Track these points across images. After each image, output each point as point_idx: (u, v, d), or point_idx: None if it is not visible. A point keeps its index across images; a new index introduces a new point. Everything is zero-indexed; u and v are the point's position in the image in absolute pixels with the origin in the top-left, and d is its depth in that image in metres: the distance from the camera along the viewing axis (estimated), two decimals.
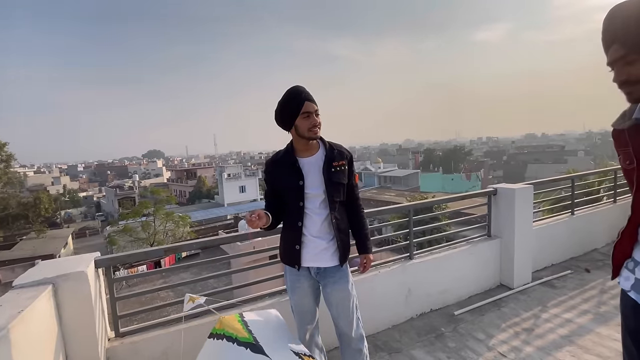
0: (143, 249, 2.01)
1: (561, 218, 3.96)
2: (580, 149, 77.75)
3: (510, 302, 3.03)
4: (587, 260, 3.87)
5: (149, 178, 73.12)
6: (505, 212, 3.26)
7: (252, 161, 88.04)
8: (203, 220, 33.22)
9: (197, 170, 56.81)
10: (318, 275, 1.67)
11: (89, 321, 1.66)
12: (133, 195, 45.65)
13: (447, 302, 3.04)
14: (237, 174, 43.39)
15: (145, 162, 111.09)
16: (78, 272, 1.62)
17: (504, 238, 3.30)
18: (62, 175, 72.18)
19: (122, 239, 24.34)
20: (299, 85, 1.57)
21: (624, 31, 0.82)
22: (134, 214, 26.03)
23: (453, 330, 2.65)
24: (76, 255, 1.89)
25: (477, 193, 3.48)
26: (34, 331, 1.36)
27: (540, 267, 3.66)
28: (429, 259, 2.97)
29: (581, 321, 2.66)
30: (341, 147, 1.70)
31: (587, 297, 3.05)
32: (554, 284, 3.34)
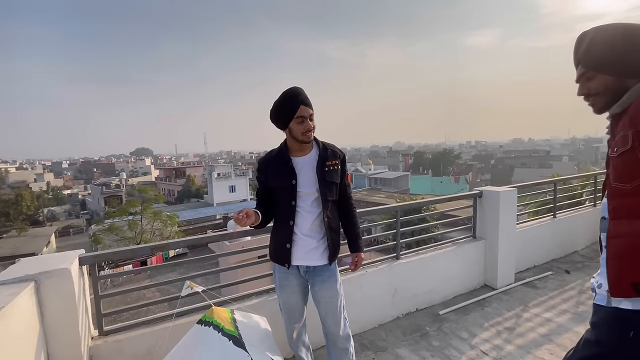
0: (129, 247, 1.99)
1: (544, 221, 4.07)
2: (565, 154, 79.90)
3: (494, 302, 3.10)
4: (567, 262, 3.99)
5: (136, 176, 71.86)
6: (490, 214, 3.34)
7: (243, 161, 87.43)
8: (192, 220, 32.78)
9: (187, 169, 56.05)
10: (307, 274, 1.68)
11: (72, 319, 1.64)
12: (120, 193, 44.77)
13: (433, 301, 3.10)
14: (227, 173, 43.00)
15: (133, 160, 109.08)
16: (61, 269, 1.60)
17: (489, 239, 3.38)
18: (45, 172, 70.26)
19: (108, 238, 23.83)
20: (296, 87, 1.57)
21: (585, 53, 1.01)
22: (120, 212, 25.55)
23: (438, 329, 2.70)
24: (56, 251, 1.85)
25: (463, 195, 3.56)
26: (14, 329, 1.33)
27: (523, 268, 3.76)
28: (416, 259, 3.02)
29: (560, 320, 2.75)
30: (334, 147, 1.72)
31: (566, 297, 3.15)
32: (535, 284, 3.44)
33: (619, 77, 0.96)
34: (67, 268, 1.62)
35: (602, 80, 0.98)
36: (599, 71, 0.98)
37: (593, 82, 1.00)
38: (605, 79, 0.98)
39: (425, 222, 5.34)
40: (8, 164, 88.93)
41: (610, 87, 0.98)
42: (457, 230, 3.70)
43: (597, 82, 0.99)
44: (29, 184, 51.01)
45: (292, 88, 1.56)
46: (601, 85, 0.99)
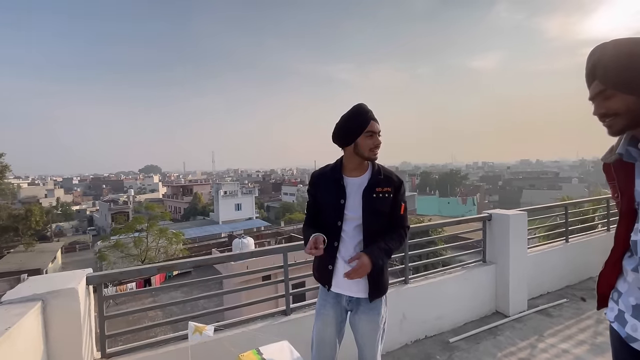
0: (135, 267, 1.98)
1: (555, 245, 3.97)
2: (574, 175, 78.80)
3: (506, 331, 2.99)
4: (582, 289, 3.85)
5: (144, 193, 72.68)
6: (500, 238, 3.27)
7: (250, 179, 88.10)
8: (197, 238, 32.75)
9: (194, 187, 56.60)
10: (350, 304, 1.60)
11: (76, 340, 1.62)
12: (127, 210, 45.17)
13: (442, 328, 2.99)
14: (234, 191, 43.24)
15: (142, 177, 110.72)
16: (69, 289, 1.60)
17: (499, 264, 3.29)
18: (56, 188, 71.55)
19: (113, 255, 23.82)
20: (364, 104, 1.53)
21: (603, 69, 0.91)
22: (126, 229, 25.63)
23: (448, 358, 2.59)
24: (64, 270, 1.86)
25: (472, 218, 3.51)
26: (19, 349, 1.32)
27: (536, 294, 3.64)
28: (424, 283, 2.95)
29: (578, 352, 2.62)
30: (391, 173, 1.58)
31: (583, 327, 3.02)
32: (550, 312, 3.31)
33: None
34: (75, 288, 1.62)
35: (622, 99, 0.89)
36: (620, 90, 0.88)
37: (612, 102, 0.90)
38: (627, 98, 0.88)
39: (434, 245, 5.24)
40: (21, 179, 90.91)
41: (632, 108, 0.88)
42: (466, 254, 3.62)
43: (617, 101, 0.90)
44: (40, 199, 51.81)
45: (362, 104, 1.52)
46: (622, 105, 0.89)
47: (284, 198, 60.13)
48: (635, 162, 0.96)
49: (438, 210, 45.42)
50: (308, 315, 2.34)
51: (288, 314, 2.33)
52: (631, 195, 0.97)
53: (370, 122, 1.49)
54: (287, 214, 43.54)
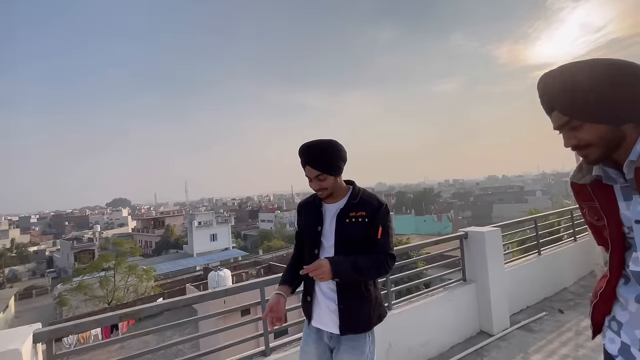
0: (93, 317, 1.75)
1: (530, 259, 4.08)
2: (538, 189, 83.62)
3: (492, 351, 2.95)
4: (559, 300, 3.93)
5: (112, 228, 68.58)
6: (477, 255, 3.31)
7: (225, 207, 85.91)
8: (170, 273, 30.98)
9: (166, 219, 54.23)
10: (331, 340, 1.48)
11: None
12: (92, 247, 42.19)
13: (429, 354, 2.90)
14: (209, 221, 41.82)
15: (109, 211, 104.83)
16: (10, 351, 1.38)
17: (479, 282, 3.30)
18: (11, 228, 65.82)
19: (75, 299, 21.91)
20: (305, 145, 1.45)
21: (562, 97, 0.85)
22: (91, 268, 23.87)
23: None
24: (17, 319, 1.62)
25: (449, 237, 3.54)
26: None
27: (516, 309, 3.66)
28: (408, 308, 2.88)
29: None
30: (371, 197, 1.48)
31: (564, 340, 3.04)
32: (531, 327, 3.32)
33: (613, 124, 0.81)
34: (18, 349, 1.40)
35: (592, 129, 0.83)
36: (587, 120, 0.82)
37: (582, 132, 0.84)
38: (597, 127, 0.82)
39: (414, 266, 5.24)
40: None
41: (605, 137, 0.82)
42: (447, 273, 3.61)
43: (587, 131, 0.83)
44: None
45: (302, 145, 1.45)
46: (594, 135, 0.83)
47: (261, 225, 58.83)
48: (614, 185, 0.89)
49: (415, 229, 46.12)
50: (290, 354, 2.18)
51: (267, 354, 2.17)
52: (617, 220, 0.90)
53: (305, 167, 1.44)
54: (265, 241, 42.51)
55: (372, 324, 1.48)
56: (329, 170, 1.42)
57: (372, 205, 1.45)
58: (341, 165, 1.46)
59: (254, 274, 20.74)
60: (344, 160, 1.46)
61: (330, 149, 1.43)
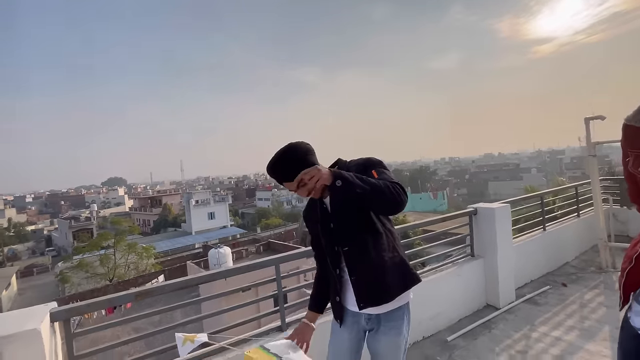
0: (108, 296, 1.72)
1: (535, 234, 4.10)
2: (533, 166, 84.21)
3: (500, 323, 3.01)
4: (561, 274, 4.00)
5: (109, 207, 68.56)
6: (487, 231, 3.31)
7: (222, 186, 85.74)
8: (169, 251, 31.28)
9: (163, 198, 54.08)
10: (369, 322, 1.44)
11: None
12: (90, 226, 42.28)
13: (439, 327, 2.96)
14: (206, 199, 41.81)
15: (105, 190, 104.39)
16: (29, 331, 1.35)
17: (487, 257, 3.33)
18: (7, 208, 65.50)
19: (77, 276, 22.14)
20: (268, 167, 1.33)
21: None
22: (91, 247, 23.96)
23: (449, 358, 2.55)
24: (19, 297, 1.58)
25: (458, 214, 3.52)
26: None
27: (521, 283, 3.72)
28: None
29: (569, 338, 2.68)
30: (356, 161, 1.41)
31: (569, 313, 3.11)
32: (537, 300, 3.39)
33: None
34: (37, 329, 1.37)
35: None
36: None
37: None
38: None
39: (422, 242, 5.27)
40: None
41: None
42: (454, 250, 3.63)
43: None
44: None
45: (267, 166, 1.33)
46: None
47: (258, 203, 59.12)
48: None
49: (412, 207, 46.54)
50: None
51: (284, 329, 2.17)
52: None
53: (282, 184, 1.35)
54: (263, 219, 42.82)
55: (394, 293, 1.36)
56: None
57: (359, 166, 1.36)
58: (310, 159, 1.32)
59: (253, 251, 21.01)
60: (309, 154, 1.34)
61: (291, 156, 1.31)
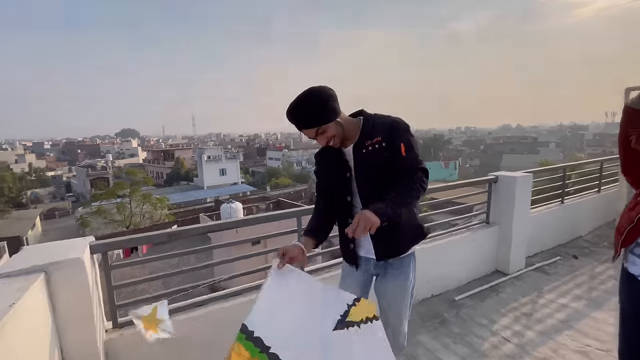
0: (144, 234, 1.83)
1: (552, 206, 4.06)
2: (552, 140, 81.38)
3: (508, 288, 3.09)
4: (573, 247, 4.02)
5: (123, 158, 70.09)
6: (505, 199, 3.28)
7: (233, 144, 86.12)
8: (182, 203, 32.34)
9: (175, 151, 54.87)
10: (377, 268, 1.52)
11: (85, 312, 1.50)
12: (106, 175, 43.67)
13: (447, 287, 3.07)
14: (218, 156, 42.26)
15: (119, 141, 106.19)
16: (73, 259, 1.44)
17: (502, 225, 3.34)
18: (26, 153, 67.75)
19: (96, 221, 23.34)
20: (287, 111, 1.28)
21: None
22: (107, 195, 24.96)
23: (455, 315, 2.67)
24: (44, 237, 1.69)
25: (478, 180, 3.48)
26: (27, 326, 1.19)
27: (531, 253, 3.76)
28: (431, 245, 2.96)
29: (576, 306, 2.75)
30: (382, 119, 1.38)
31: (578, 283, 3.16)
32: (546, 269, 3.44)
33: None
34: (80, 258, 1.46)
35: None
36: None
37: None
38: None
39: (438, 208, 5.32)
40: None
41: None
42: (468, 217, 3.65)
43: None
44: (10, 165, 49.21)
45: (287, 110, 1.28)
46: None
47: (269, 163, 59.52)
48: None
49: None
50: (325, 279, 2.30)
51: None
52: None
53: (301, 131, 1.32)
54: (273, 179, 43.40)
55: (408, 247, 1.48)
56: (323, 121, 1.29)
57: (386, 127, 1.35)
58: (332, 106, 1.30)
59: (263, 208, 21.62)
60: (332, 100, 1.30)
61: (312, 100, 1.27)
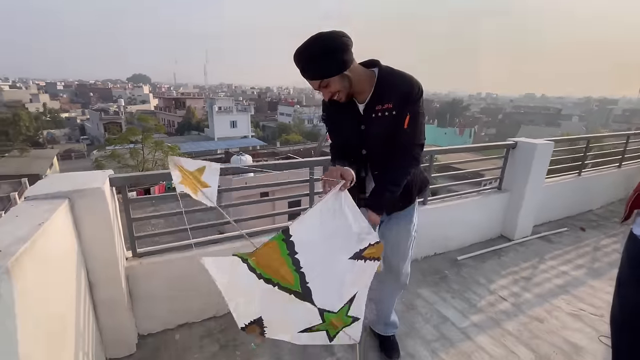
0: (160, 171, 1.89)
1: (568, 178, 3.98)
2: (576, 113, 77.57)
3: (510, 252, 3.15)
4: (582, 220, 4.00)
5: (134, 104, 69.90)
6: (521, 166, 3.21)
7: (244, 96, 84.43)
8: (193, 153, 32.75)
9: (186, 100, 54.31)
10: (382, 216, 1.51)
11: (108, 239, 1.59)
12: (119, 120, 43.95)
13: (450, 247, 3.14)
14: (229, 107, 41.75)
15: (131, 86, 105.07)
16: (95, 189, 1.50)
17: (514, 192, 3.30)
18: (40, 93, 67.92)
19: (110, 165, 23.98)
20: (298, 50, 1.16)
21: None
22: (121, 139, 25.33)
23: (456, 273, 2.76)
24: None
25: (496, 145, 3.39)
26: (55, 245, 1.27)
27: (539, 222, 3.77)
28: (441, 206, 2.97)
29: (576, 274, 2.81)
30: (398, 81, 1.26)
31: (581, 253, 3.19)
32: (551, 239, 3.47)
33: None
34: (101, 188, 1.51)
35: None
36: None
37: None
38: None
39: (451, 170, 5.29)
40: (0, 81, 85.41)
41: None
42: (473, 183, 3.61)
43: None
44: (25, 104, 49.64)
45: (297, 49, 1.17)
46: None
47: (279, 118, 58.75)
48: None
49: (434, 140, 45.37)
50: None
51: None
52: None
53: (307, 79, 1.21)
54: (284, 134, 43.12)
55: (414, 198, 1.56)
56: (327, 73, 1.17)
57: (401, 93, 1.25)
58: (340, 58, 1.15)
59: None
60: (341, 51, 1.14)
61: (317, 49, 1.13)
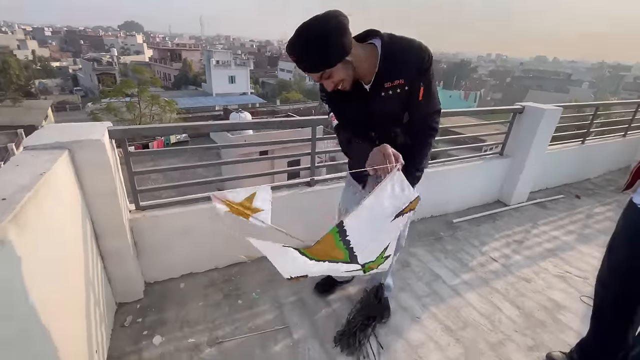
0: (161, 124, 1.84)
1: (571, 146, 3.95)
2: (587, 79, 75.01)
3: (505, 217, 3.22)
4: (579, 188, 4.04)
5: (128, 54, 66.77)
6: (526, 132, 3.17)
7: (243, 49, 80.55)
8: (190, 109, 32.00)
9: (182, 52, 51.81)
10: None
11: (110, 190, 1.60)
12: (113, 71, 42.30)
13: (447, 210, 3.20)
14: (227, 61, 39.95)
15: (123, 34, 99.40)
16: (95, 140, 1.47)
17: (516, 158, 3.29)
18: (27, 39, 64.41)
19: (106, 118, 23.48)
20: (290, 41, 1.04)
21: None
22: (115, 92, 24.55)
23: (451, 235, 2.85)
24: None
25: (503, 109, 3.30)
26: (58, 195, 1.28)
27: (536, 189, 3.81)
28: (441, 169, 2.98)
29: (566, 239, 2.90)
30: (406, 52, 1.14)
31: (574, 220, 3.27)
32: (546, 205, 3.53)
33: None
34: (100, 140, 1.49)
35: None
36: None
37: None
38: None
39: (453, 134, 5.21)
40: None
41: None
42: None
43: None
44: (12, 51, 47.29)
45: (289, 40, 1.06)
46: None
47: (280, 74, 56.61)
48: None
49: None
50: (331, 189, 2.39)
51: (312, 185, 2.37)
52: None
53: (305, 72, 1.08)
54: (284, 92, 41.87)
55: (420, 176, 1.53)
56: (327, 63, 1.06)
57: (412, 64, 1.14)
58: (338, 43, 1.03)
59: None
60: (338, 34, 1.02)
61: (311, 39, 1.01)
